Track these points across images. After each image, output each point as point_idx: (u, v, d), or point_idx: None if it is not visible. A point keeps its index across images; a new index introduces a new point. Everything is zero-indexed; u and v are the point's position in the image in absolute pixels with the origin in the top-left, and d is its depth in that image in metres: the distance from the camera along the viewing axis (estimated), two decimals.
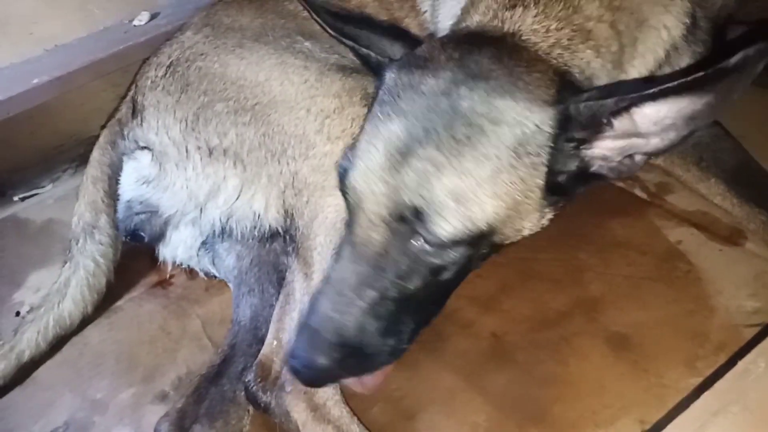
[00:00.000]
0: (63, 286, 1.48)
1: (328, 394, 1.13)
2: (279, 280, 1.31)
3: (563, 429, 1.10)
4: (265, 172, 1.29)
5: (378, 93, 1.01)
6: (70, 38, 2.09)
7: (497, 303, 1.35)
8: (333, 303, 0.95)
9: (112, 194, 1.52)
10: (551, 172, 0.94)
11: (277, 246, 1.36)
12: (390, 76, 1.01)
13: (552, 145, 0.92)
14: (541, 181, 0.94)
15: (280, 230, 1.30)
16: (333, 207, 1.19)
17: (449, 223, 0.89)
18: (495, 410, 1.15)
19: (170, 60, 1.45)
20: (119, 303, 1.54)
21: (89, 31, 2.12)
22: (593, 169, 0.97)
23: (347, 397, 1.17)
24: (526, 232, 1.01)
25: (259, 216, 1.30)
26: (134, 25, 2.13)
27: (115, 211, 1.52)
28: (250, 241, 1.36)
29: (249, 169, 1.30)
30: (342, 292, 0.94)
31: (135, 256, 1.58)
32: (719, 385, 0.85)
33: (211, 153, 1.33)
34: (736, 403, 0.80)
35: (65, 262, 1.50)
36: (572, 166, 0.96)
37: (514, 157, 0.91)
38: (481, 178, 0.89)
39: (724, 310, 1.23)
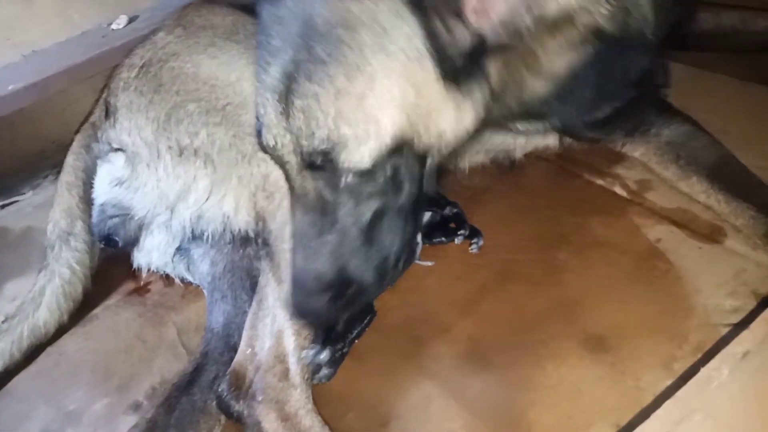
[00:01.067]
0: (38, 294, 1.46)
1: (299, 404, 1.11)
2: (252, 286, 1.29)
3: None
4: (236, 173, 1.28)
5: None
6: (49, 43, 2.08)
7: (475, 306, 1.33)
8: (303, 257, 0.96)
9: (88, 200, 1.51)
10: (442, 60, 0.87)
11: (251, 251, 1.34)
12: (263, 13, 0.95)
13: (423, 31, 0.85)
14: (431, 74, 0.87)
15: (251, 233, 1.28)
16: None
17: (356, 152, 0.86)
18: (471, 416, 1.13)
19: (143, 61, 1.44)
20: (96, 311, 1.53)
21: (68, 35, 2.10)
22: (487, 38, 0.89)
23: (321, 405, 1.15)
24: (452, 133, 0.95)
25: (229, 217, 1.29)
26: (113, 29, 2.11)
27: (91, 216, 1.50)
28: (222, 244, 1.34)
29: (219, 169, 1.29)
30: (307, 245, 0.95)
31: (112, 263, 1.57)
32: (681, 393, 0.83)
33: (181, 153, 1.31)
34: (700, 411, 0.78)
35: (40, 270, 1.48)
36: (460, 44, 0.88)
37: (385, 59, 0.84)
38: (361, 93, 0.84)
39: (702, 310, 1.20)
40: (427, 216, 1.49)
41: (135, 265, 1.50)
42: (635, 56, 1.24)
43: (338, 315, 1.07)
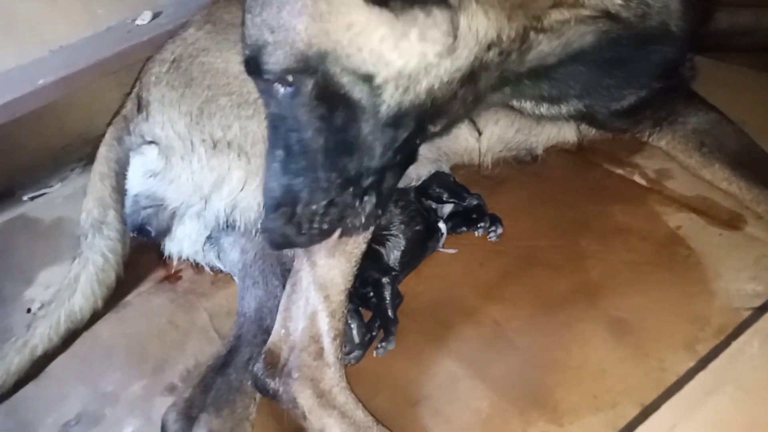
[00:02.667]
0: (73, 281, 1.51)
1: (334, 381, 1.15)
2: (282, 272, 1.33)
3: (565, 413, 1.11)
4: None
5: None
6: (75, 39, 2.12)
7: (499, 290, 1.36)
8: (264, 174, 1.05)
9: (120, 190, 1.55)
10: None
11: None
12: None
13: None
14: None
15: None
16: None
17: (273, 55, 0.92)
18: (497, 396, 1.17)
19: (173, 56, 1.48)
20: (128, 298, 1.57)
21: (93, 31, 2.15)
22: None
23: (353, 385, 1.19)
24: (402, 60, 0.93)
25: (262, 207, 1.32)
26: (137, 25, 2.15)
27: (123, 206, 1.54)
28: (254, 233, 1.38)
29: (253, 161, 1.33)
30: (266, 161, 1.05)
31: (143, 251, 1.61)
32: (714, 365, 0.86)
33: (215, 146, 1.35)
34: (731, 382, 0.81)
35: (74, 258, 1.53)
36: None
37: None
38: (279, 3, 0.91)
39: (724, 294, 1.23)
40: (449, 207, 1.53)
41: (166, 254, 1.54)
42: (659, 47, 1.25)
43: (297, 237, 1.05)
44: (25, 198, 2.04)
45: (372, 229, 1.19)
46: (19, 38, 2.01)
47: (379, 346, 1.28)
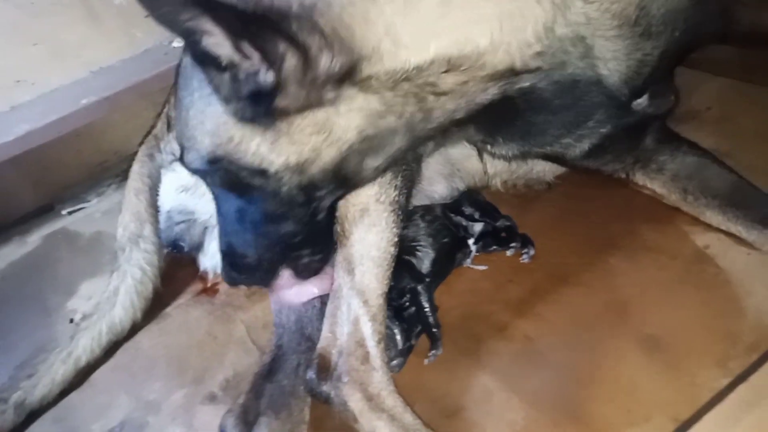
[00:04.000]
0: (113, 294, 1.56)
1: (382, 385, 1.19)
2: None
3: (599, 427, 1.14)
4: None
5: None
6: (114, 60, 2.22)
7: (530, 307, 1.39)
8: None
9: (154, 204, 1.61)
10: (229, 96, 1.00)
11: None
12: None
13: (211, 83, 1.02)
14: (221, 113, 1.04)
15: None
16: (359, 205, 1.27)
17: (188, 155, 1.14)
18: (532, 409, 1.20)
19: None
20: (167, 310, 1.62)
21: (132, 53, 2.24)
22: (261, 78, 0.96)
23: None
24: (272, 156, 1.05)
25: None
26: (174, 47, 2.25)
27: (158, 220, 1.60)
28: None
29: None
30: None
31: (180, 265, 1.67)
32: (754, 378, 0.88)
33: None
34: None
35: (113, 272, 1.58)
36: (237, 88, 0.98)
37: (194, 101, 1.08)
38: (185, 119, 1.11)
39: (755, 312, 1.25)
40: (479, 226, 1.56)
41: (201, 269, 1.59)
42: (589, 92, 1.19)
43: (242, 279, 1.27)
44: (63, 212, 2.12)
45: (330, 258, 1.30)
46: (64, 60, 2.11)
47: (429, 354, 1.32)
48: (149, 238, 1.60)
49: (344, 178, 1.13)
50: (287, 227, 1.16)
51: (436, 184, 1.58)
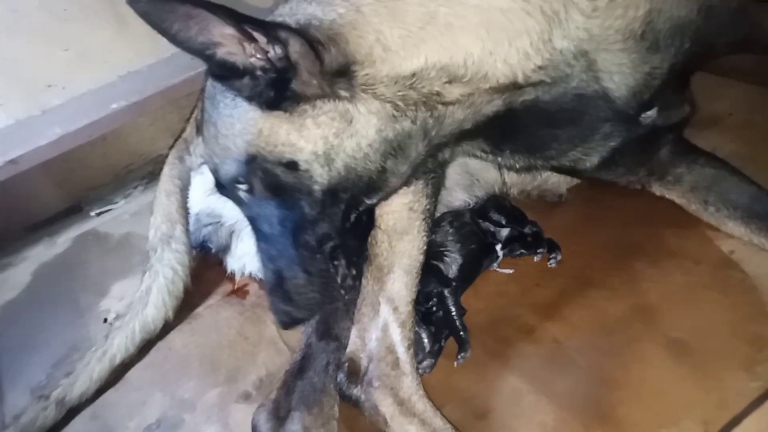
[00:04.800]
0: (145, 294, 1.60)
1: (412, 390, 1.22)
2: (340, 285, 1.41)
3: (628, 429, 1.16)
4: None
5: None
6: (140, 65, 2.25)
7: (557, 310, 1.42)
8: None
9: (184, 205, 1.65)
10: (252, 94, 1.07)
11: None
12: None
13: (238, 95, 1.10)
14: (251, 110, 1.10)
15: None
16: (392, 214, 1.31)
17: (222, 168, 1.18)
18: (561, 411, 1.22)
19: None
20: (198, 310, 1.66)
21: (157, 58, 2.28)
22: (283, 63, 1.05)
23: None
24: (301, 143, 1.10)
25: None
26: None
27: (188, 221, 1.64)
28: None
29: None
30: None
31: (210, 266, 1.70)
32: None
33: None
34: None
35: (145, 272, 1.62)
36: (257, 83, 1.06)
37: (210, 100, 1.16)
38: (214, 135, 1.17)
39: None
40: (506, 231, 1.58)
41: (229, 270, 1.63)
42: (594, 105, 1.20)
43: (297, 312, 1.20)
44: (92, 213, 2.17)
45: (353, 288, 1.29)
46: (92, 65, 2.15)
47: (458, 356, 1.35)
48: (180, 238, 1.64)
49: (369, 182, 1.16)
50: (323, 228, 1.17)
51: (456, 194, 1.61)
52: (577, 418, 1.20)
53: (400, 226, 1.30)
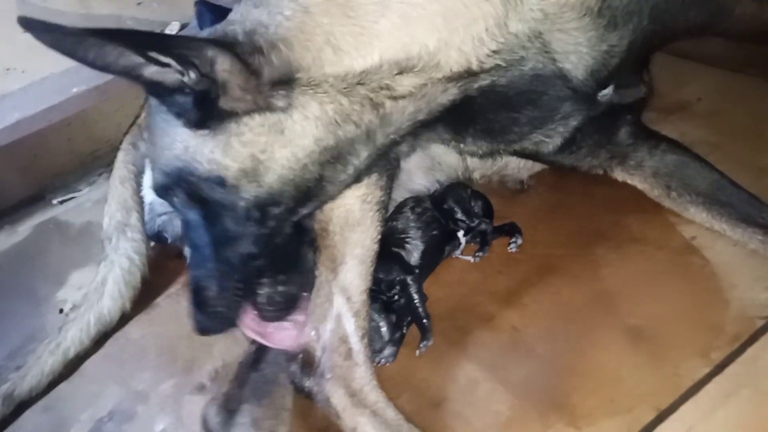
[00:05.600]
0: (100, 284, 1.56)
1: (364, 381, 1.20)
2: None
3: (582, 416, 1.15)
4: None
5: None
6: None
7: (517, 297, 1.40)
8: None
9: (140, 192, 1.61)
10: (180, 111, 1.04)
11: None
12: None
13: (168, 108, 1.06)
14: (172, 123, 1.07)
15: None
16: (344, 206, 1.28)
17: (154, 175, 1.18)
18: (517, 399, 1.21)
19: None
20: (157, 300, 1.63)
21: None
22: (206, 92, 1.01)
23: None
24: (227, 161, 1.06)
25: None
26: (167, 33, 2.23)
27: (144, 209, 1.60)
28: None
29: None
30: None
31: (169, 256, 1.67)
32: (730, 369, 0.89)
33: None
34: (748, 386, 0.84)
35: (100, 262, 1.58)
36: (184, 102, 1.02)
37: (149, 107, 1.16)
38: (152, 140, 1.16)
39: (739, 303, 1.26)
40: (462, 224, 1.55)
41: (188, 261, 1.59)
42: (552, 87, 1.17)
43: (208, 323, 1.20)
44: (54, 201, 2.12)
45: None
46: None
47: (421, 345, 1.33)
48: (136, 226, 1.59)
49: (307, 192, 1.12)
50: (244, 248, 1.13)
51: (417, 177, 1.58)
52: (532, 406, 1.19)
53: (353, 217, 1.27)
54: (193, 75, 0.98)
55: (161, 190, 1.17)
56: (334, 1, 1.05)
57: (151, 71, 0.97)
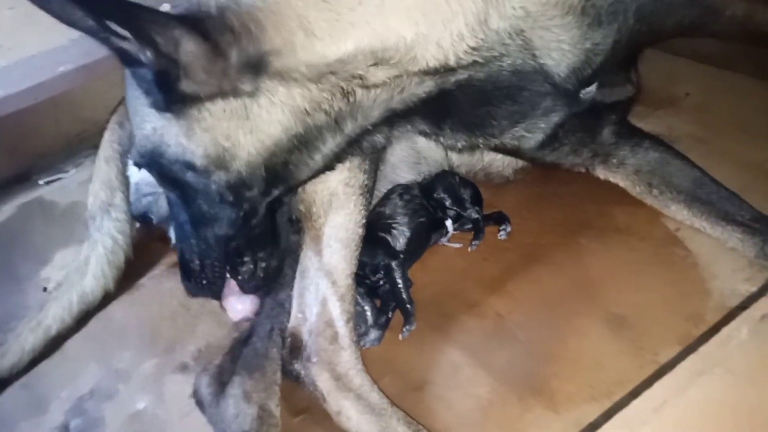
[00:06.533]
0: (83, 264, 1.55)
1: (350, 364, 1.20)
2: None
3: (561, 401, 1.16)
4: None
5: None
6: None
7: (502, 285, 1.41)
8: None
9: (125, 172, 1.59)
10: (146, 90, 1.03)
11: None
12: None
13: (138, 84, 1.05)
14: (142, 101, 1.05)
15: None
16: (327, 189, 1.28)
17: (132, 151, 1.19)
18: (497, 383, 1.22)
19: None
20: (141, 281, 1.62)
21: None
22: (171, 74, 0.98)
23: None
24: (192, 146, 1.05)
25: None
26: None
27: (128, 189, 1.58)
28: None
29: None
30: None
31: (154, 237, 1.66)
32: (704, 348, 0.91)
33: None
34: (720, 366, 0.86)
35: (84, 241, 1.57)
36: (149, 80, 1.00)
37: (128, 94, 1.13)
38: (129, 115, 1.15)
39: (719, 294, 1.28)
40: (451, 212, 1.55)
41: (172, 242, 1.58)
42: (533, 82, 1.16)
43: (193, 289, 1.25)
44: (40, 182, 2.09)
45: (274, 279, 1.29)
46: (41, 26, 2.05)
47: (404, 329, 1.33)
48: (120, 206, 1.58)
49: (275, 176, 1.11)
50: (220, 230, 1.13)
51: (402, 171, 1.59)
52: (512, 391, 1.20)
53: (336, 201, 1.27)
54: (149, 54, 0.93)
55: (136, 163, 1.18)
56: None
57: (114, 39, 0.93)
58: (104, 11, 0.90)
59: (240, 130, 1.04)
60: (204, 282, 1.20)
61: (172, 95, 1.00)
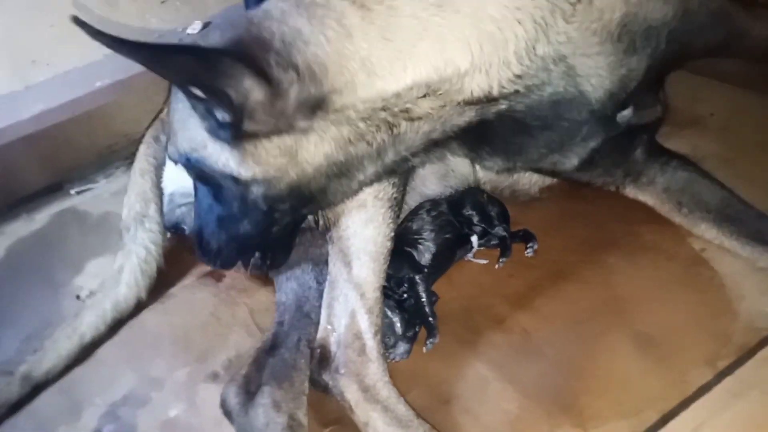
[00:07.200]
0: (117, 272, 1.58)
1: (377, 376, 1.22)
2: (312, 266, 1.43)
3: (590, 418, 1.17)
4: None
5: None
6: None
7: (528, 301, 1.43)
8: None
9: (159, 184, 1.64)
10: (204, 118, 1.07)
11: (308, 237, 1.46)
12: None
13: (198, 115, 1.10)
14: (196, 120, 1.10)
15: (313, 224, 1.41)
16: (357, 201, 1.30)
17: (170, 148, 1.26)
18: (526, 399, 1.23)
19: None
20: (173, 290, 1.65)
21: (146, 38, 2.25)
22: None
23: None
24: (240, 170, 1.09)
25: None
26: (188, 33, 2.27)
27: (162, 201, 1.63)
28: None
29: None
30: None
31: (186, 247, 1.69)
32: (740, 371, 0.92)
33: None
34: (757, 388, 0.86)
35: (118, 251, 1.61)
36: (210, 114, 1.05)
37: (176, 103, 1.21)
38: (172, 117, 1.23)
39: (746, 315, 1.29)
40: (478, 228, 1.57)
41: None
42: (572, 110, 1.18)
43: (208, 261, 1.33)
44: (72, 192, 2.15)
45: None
46: (79, 42, 2.10)
47: (427, 342, 1.35)
48: (154, 217, 1.62)
49: (309, 197, 1.16)
50: (245, 228, 1.19)
51: (430, 183, 1.61)
52: (541, 406, 1.21)
53: (365, 213, 1.30)
54: (226, 115, 1.01)
55: (173, 159, 1.24)
56: (374, 24, 1.02)
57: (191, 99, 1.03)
58: (188, 78, 0.97)
59: (289, 164, 1.08)
60: (218, 260, 1.28)
61: (231, 131, 1.04)
